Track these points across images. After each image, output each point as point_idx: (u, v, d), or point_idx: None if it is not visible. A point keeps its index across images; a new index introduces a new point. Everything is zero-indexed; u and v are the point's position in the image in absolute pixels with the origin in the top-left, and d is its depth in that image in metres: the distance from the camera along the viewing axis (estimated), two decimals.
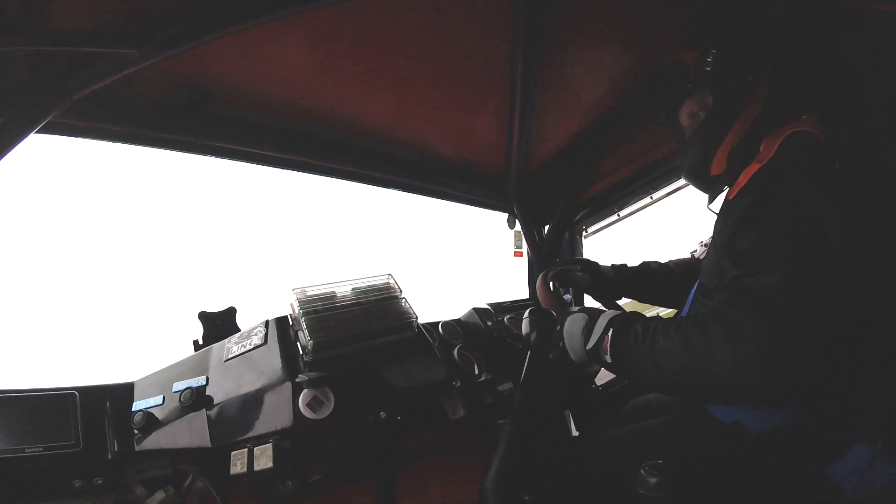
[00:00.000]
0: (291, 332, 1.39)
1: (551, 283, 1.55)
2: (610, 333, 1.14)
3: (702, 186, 1.41)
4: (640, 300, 1.84)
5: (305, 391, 1.24)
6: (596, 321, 1.19)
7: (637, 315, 1.18)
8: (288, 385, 1.27)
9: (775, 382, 0.94)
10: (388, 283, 1.52)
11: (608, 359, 1.14)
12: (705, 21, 1.51)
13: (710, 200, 1.40)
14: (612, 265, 1.77)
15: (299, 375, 1.27)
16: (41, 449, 1.26)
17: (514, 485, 1.23)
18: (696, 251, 1.69)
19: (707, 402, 1.23)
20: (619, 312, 1.20)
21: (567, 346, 1.23)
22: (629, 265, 1.78)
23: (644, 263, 1.78)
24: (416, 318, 1.52)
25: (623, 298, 1.80)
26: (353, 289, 1.48)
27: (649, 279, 1.73)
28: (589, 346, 1.17)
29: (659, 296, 1.77)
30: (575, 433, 2.23)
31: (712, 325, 0.99)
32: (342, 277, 1.51)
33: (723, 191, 1.35)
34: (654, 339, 1.07)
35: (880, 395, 1.06)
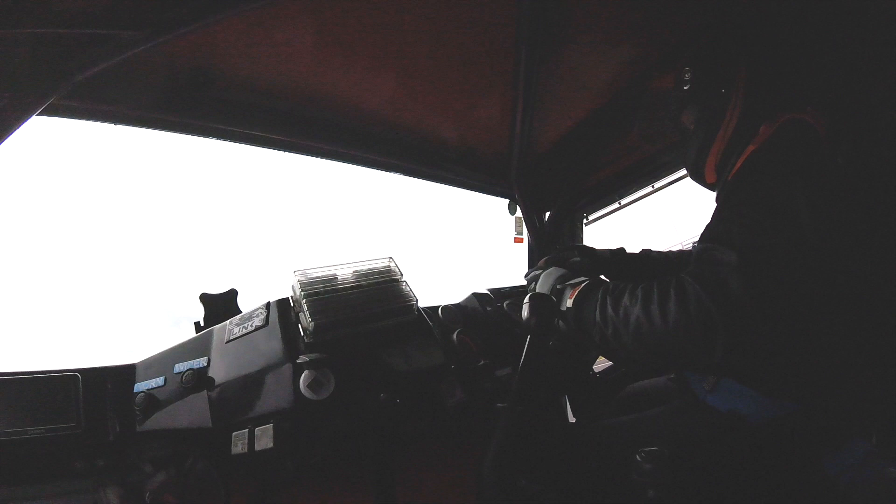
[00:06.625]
0: (292, 314, 1.39)
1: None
2: (583, 285, 1.16)
3: (707, 188, 1.45)
4: None
5: (306, 372, 1.24)
6: (576, 275, 1.24)
7: (617, 282, 1.17)
8: (289, 366, 1.27)
9: (711, 355, 0.94)
10: (389, 266, 1.52)
11: (569, 303, 1.15)
12: (711, 5, 1.50)
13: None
14: (610, 250, 1.75)
15: (300, 357, 1.27)
16: (43, 430, 1.27)
17: (512, 468, 1.24)
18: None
19: (645, 365, 1.23)
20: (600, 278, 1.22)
21: (537, 287, 1.27)
22: (628, 251, 1.76)
23: (645, 250, 1.77)
24: (417, 301, 1.52)
25: None
26: (354, 272, 1.47)
27: (648, 266, 1.72)
28: (558, 286, 1.21)
29: None
30: (572, 419, 2.25)
31: (673, 289, 0.98)
32: (344, 260, 1.51)
33: None
34: (620, 294, 1.07)
35: (877, 391, 1.05)
